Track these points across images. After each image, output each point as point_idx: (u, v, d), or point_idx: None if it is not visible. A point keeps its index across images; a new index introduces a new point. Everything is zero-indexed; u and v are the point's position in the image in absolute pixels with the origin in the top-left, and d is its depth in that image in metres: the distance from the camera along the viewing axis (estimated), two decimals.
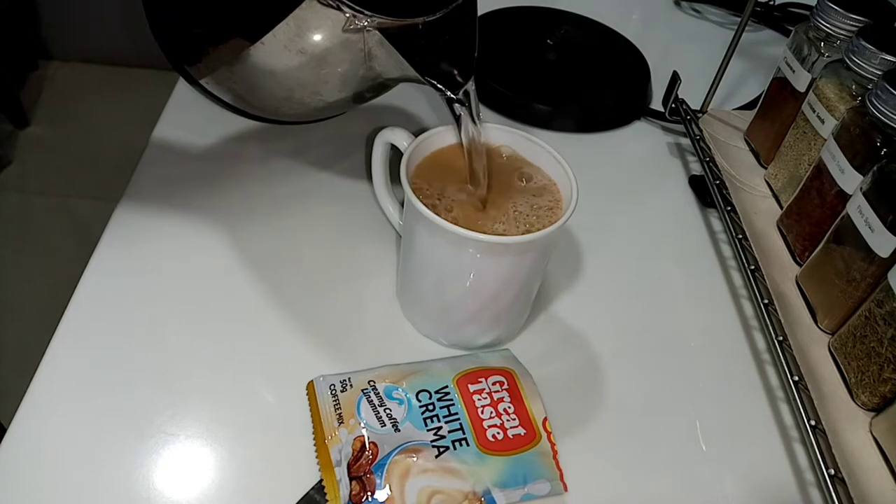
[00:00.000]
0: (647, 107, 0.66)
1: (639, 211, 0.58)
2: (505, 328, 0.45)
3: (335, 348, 0.44)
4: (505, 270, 0.40)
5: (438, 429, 0.38)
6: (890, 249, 0.41)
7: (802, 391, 0.41)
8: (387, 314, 0.46)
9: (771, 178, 0.58)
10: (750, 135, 0.62)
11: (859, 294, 0.43)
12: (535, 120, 0.63)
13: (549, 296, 0.49)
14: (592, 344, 0.47)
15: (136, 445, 0.38)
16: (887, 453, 0.40)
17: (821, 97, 0.50)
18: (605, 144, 0.63)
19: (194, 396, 0.41)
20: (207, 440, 0.39)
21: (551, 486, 0.38)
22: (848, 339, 0.44)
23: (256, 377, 0.42)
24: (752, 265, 0.48)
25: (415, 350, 0.44)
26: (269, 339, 0.44)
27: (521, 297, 0.44)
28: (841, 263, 0.45)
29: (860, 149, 0.45)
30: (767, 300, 0.46)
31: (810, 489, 0.41)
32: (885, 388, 0.41)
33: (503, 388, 0.41)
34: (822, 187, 0.48)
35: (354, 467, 0.37)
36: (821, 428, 0.39)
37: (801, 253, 0.51)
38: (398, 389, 0.40)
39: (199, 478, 0.37)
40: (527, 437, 0.39)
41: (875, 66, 0.46)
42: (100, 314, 0.44)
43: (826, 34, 0.52)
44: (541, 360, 0.44)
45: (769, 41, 0.79)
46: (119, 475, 0.37)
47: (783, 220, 0.54)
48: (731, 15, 0.83)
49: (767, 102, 0.60)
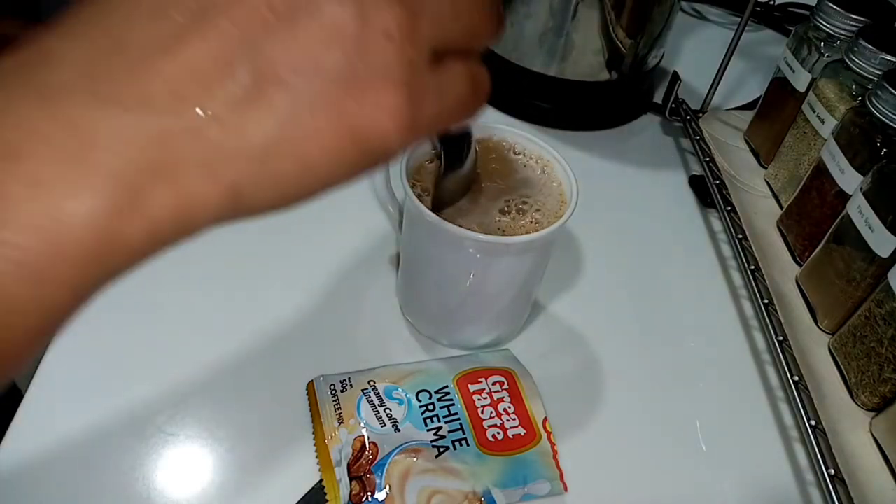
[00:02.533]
0: (650, 101, 0.66)
1: (639, 211, 0.58)
2: (505, 328, 0.45)
3: (335, 348, 0.44)
4: (505, 270, 0.40)
5: (438, 429, 0.38)
6: (890, 249, 0.41)
7: (802, 391, 0.41)
8: (387, 314, 0.46)
9: (771, 178, 0.58)
10: (750, 135, 0.62)
11: (859, 294, 0.43)
12: (536, 118, 0.63)
13: (549, 296, 0.49)
14: (592, 344, 0.47)
15: (136, 445, 0.38)
16: (887, 453, 0.40)
17: (821, 97, 0.50)
18: (605, 144, 0.63)
19: (194, 396, 0.41)
20: (207, 440, 0.39)
21: (551, 486, 0.38)
22: (848, 339, 0.44)
23: (256, 377, 0.42)
24: (752, 265, 0.48)
25: (415, 350, 0.44)
26: (269, 340, 0.44)
27: (521, 297, 0.44)
28: (841, 263, 0.45)
29: (860, 149, 0.45)
30: (767, 300, 0.46)
31: (810, 489, 0.41)
32: (885, 387, 0.41)
33: (503, 388, 0.41)
34: (822, 187, 0.48)
35: (354, 467, 0.37)
36: (821, 428, 0.39)
37: (801, 253, 0.51)
38: (398, 389, 0.40)
39: (200, 478, 0.37)
40: (527, 437, 0.39)
41: (875, 66, 0.46)
42: (100, 314, 0.44)
43: (826, 34, 0.52)
44: (541, 360, 0.44)
45: (769, 41, 0.79)
46: (119, 475, 0.37)
47: (783, 219, 0.54)
48: (731, 15, 0.83)
49: (767, 102, 0.60)
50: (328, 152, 0.19)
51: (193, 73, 0.17)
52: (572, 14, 0.57)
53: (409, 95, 0.19)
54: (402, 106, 0.19)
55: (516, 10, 0.59)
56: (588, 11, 0.57)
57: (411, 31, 0.18)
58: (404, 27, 0.18)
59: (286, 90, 0.18)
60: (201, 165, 0.17)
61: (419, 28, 0.19)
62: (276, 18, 0.17)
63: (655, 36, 0.61)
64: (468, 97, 0.21)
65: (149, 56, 0.17)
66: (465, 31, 0.20)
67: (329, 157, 0.19)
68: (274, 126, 0.18)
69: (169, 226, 0.18)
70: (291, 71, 0.17)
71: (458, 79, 0.21)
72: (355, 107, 0.18)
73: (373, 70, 0.18)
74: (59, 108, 0.16)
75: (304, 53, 0.18)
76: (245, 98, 0.17)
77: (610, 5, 0.56)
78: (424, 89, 0.19)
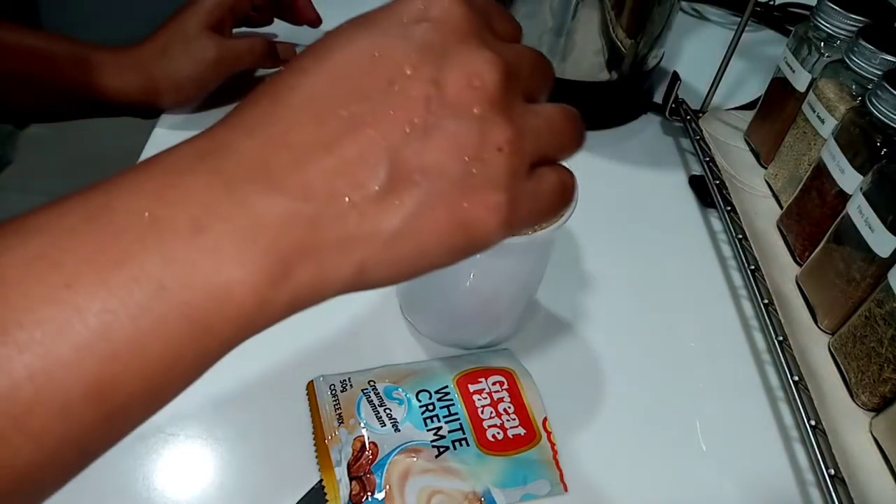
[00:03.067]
0: (650, 101, 0.66)
1: (639, 211, 0.58)
2: (505, 328, 0.45)
3: (335, 348, 0.44)
4: (505, 270, 0.40)
5: (438, 429, 0.39)
6: (890, 249, 0.41)
7: (802, 391, 0.41)
8: (387, 314, 0.46)
9: (771, 178, 0.58)
10: (750, 135, 0.62)
11: (859, 294, 0.43)
12: None
13: (549, 296, 0.49)
14: (592, 344, 0.47)
15: (136, 445, 0.38)
16: (887, 453, 0.40)
17: (821, 97, 0.50)
18: (605, 144, 0.63)
19: (194, 396, 0.40)
20: (207, 440, 0.39)
21: (551, 486, 0.38)
22: (848, 339, 0.44)
23: (257, 377, 0.42)
24: (752, 265, 0.48)
25: (415, 350, 0.44)
26: (269, 339, 0.44)
27: (521, 297, 0.44)
28: (841, 263, 0.45)
29: (860, 149, 0.45)
30: (767, 300, 0.46)
31: (810, 489, 0.41)
32: (884, 388, 0.41)
33: (503, 388, 0.41)
34: (823, 187, 0.48)
35: (354, 467, 0.37)
36: (821, 428, 0.39)
37: (801, 253, 0.51)
38: (398, 389, 0.40)
39: (200, 478, 0.37)
40: (527, 437, 0.39)
41: (875, 66, 0.46)
42: None
43: (826, 34, 0.52)
44: (541, 360, 0.44)
45: (769, 41, 0.79)
46: (119, 475, 0.37)
47: (783, 220, 0.54)
48: (731, 15, 0.83)
49: (767, 102, 0.60)
50: (441, 241, 0.22)
51: (345, 170, 0.21)
52: (572, 14, 0.57)
53: (510, 199, 0.22)
54: (503, 207, 0.22)
55: (517, 10, 0.59)
56: (588, 12, 0.57)
57: (518, 147, 0.22)
58: (513, 143, 0.22)
59: (415, 188, 0.21)
60: (340, 245, 0.21)
61: (524, 144, 0.22)
62: (413, 130, 0.21)
63: (655, 36, 0.61)
64: (557, 200, 0.25)
65: (311, 153, 0.21)
66: (558, 146, 0.25)
67: (441, 245, 0.22)
68: (402, 217, 0.21)
69: (307, 294, 0.21)
70: (421, 173, 0.21)
71: (550, 185, 0.24)
72: (467, 205, 0.22)
73: (485, 176, 0.22)
74: (238, 193, 0.20)
75: (432, 160, 0.21)
76: (382, 193, 0.21)
77: (610, 5, 0.56)
78: (522, 193, 0.23)
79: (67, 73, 0.53)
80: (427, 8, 0.22)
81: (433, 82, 0.21)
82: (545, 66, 0.25)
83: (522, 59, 0.24)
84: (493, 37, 0.23)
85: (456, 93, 0.21)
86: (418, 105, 0.21)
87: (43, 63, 0.53)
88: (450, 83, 0.21)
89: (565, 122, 0.25)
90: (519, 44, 0.25)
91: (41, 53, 0.53)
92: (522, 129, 0.22)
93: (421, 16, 0.22)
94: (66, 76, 0.53)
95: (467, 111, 0.21)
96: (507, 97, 0.22)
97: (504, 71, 0.22)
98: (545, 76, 0.25)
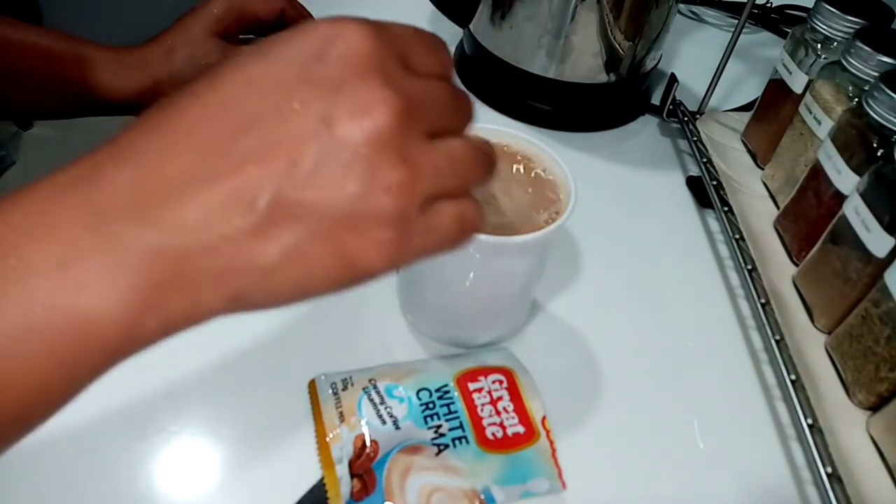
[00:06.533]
0: (648, 102, 0.67)
1: (636, 211, 0.58)
2: (504, 327, 0.45)
3: (336, 347, 0.44)
4: (505, 270, 0.40)
5: (438, 427, 0.39)
6: (886, 249, 0.41)
7: (799, 390, 0.41)
8: (387, 313, 0.46)
9: (768, 178, 0.58)
10: (747, 136, 0.63)
11: (856, 294, 0.44)
12: (534, 120, 0.63)
13: (549, 295, 0.49)
14: (591, 343, 0.47)
15: (138, 443, 0.38)
16: (884, 452, 0.41)
17: (817, 98, 0.50)
18: (603, 145, 0.64)
19: (196, 395, 0.41)
20: (209, 438, 0.39)
21: (550, 484, 0.38)
22: (845, 339, 0.44)
23: (258, 376, 0.42)
24: (750, 265, 0.48)
25: (415, 349, 0.44)
26: (270, 338, 0.44)
27: (520, 297, 0.44)
28: (838, 263, 0.45)
29: (856, 150, 0.45)
30: (764, 300, 0.46)
31: (807, 487, 0.41)
32: (881, 387, 0.41)
33: (502, 387, 0.41)
34: (819, 188, 0.49)
35: (355, 465, 0.37)
36: (818, 427, 0.39)
37: (797, 253, 0.51)
38: (399, 388, 0.40)
39: (201, 475, 0.38)
40: (526, 436, 0.39)
41: (871, 67, 0.46)
42: None
43: (823, 36, 0.52)
44: (540, 358, 0.44)
45: (766, 43, 0.80)
46: (121, 473, 0.37)
47: (780, 220, 0.54)
48: (728, 17, 0.83)
49: (764, 104, 0.60)
50: (323, 274, 0.22)
51: (220, 205, 0.21)
52: (571, 17, 0.57)
53: (398, 235, 0.22)
54: (389, 243, 0.22)
55: (516, 12, 0.59)
56: (587, 14, 0.57)
57: (408, 187, 0.22)
58: (402, 184, 0.22)
59: (295, 223, 0.21)
60: (214, 277, 0.21)
61: (417, 185, 0.22)
62: (295, 166, 0.21)
63: (653, 38, 0.61)
64: (454, 234, 0.25)
65: (186, 187, 0.21)
66: (461, 181, 0.25)
67: (323, 277, 0.22)
68: (280, 250, 0.21)
69: (181, 321, 0.22)
70: (302, 209, 0.21)
71: (448, 219, 0.24)
72: (350, 240, 0.22)
73: (370, 213, 0.22)
74: (106, 227, 0.20)
75: (314, 197, 0.21)
76: (261, 227, 0.21)
77: (608, 8, 0.57)
78: (413, 230, 0.23)
79: (68, 70, 0.53)
80: (332, 41, 0.22)
81: (323, 119, 0.21)
82: (461, 101, 0.25)
83: (431, 96, 0.23)
84: (405, 73, 0.23)
85: (345, 132, 0.21)
86: (304, 141, 0.21)
87: (44, 60, 0.53)
88: (339, 120, 0.21)
89: (470, 156, 0.24)
90: (436, 79, 0.24)
91: (42, 51, 0.53)
92: (417, 168, 0.22)
93: (324, 49, 0.22)
94: (67, 74, 0.53)
95: (354, 150, 0.21)
96: (401, 136, 0.22)
97: (400, 109, 0.22)
98: (459, 111, 0.25)
